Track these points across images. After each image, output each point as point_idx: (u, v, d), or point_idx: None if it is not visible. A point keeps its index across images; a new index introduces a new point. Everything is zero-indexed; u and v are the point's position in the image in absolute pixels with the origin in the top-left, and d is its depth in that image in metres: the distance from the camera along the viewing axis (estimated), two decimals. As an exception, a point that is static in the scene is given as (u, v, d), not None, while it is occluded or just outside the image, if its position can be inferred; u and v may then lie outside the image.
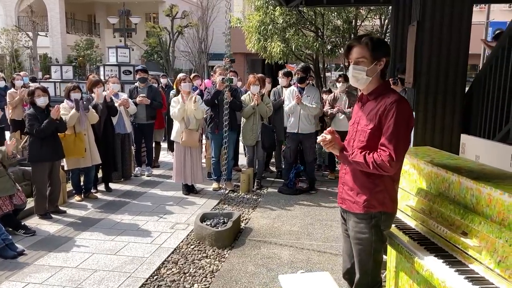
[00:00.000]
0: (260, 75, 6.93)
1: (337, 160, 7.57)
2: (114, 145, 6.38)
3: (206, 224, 4.64)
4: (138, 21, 23.32)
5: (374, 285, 2.54)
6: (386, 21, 8.98)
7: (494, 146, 2.92)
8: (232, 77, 6.64)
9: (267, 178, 7.13)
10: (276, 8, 7.92)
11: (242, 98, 6.48)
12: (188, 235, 4.70)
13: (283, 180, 6.67)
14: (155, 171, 7.56)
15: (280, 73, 7.07)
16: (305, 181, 6.34)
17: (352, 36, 8.71)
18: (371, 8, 8.82)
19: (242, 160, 7.86)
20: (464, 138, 3.21)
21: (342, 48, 8.70)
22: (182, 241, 4.52)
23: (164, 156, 8.57)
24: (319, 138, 2.50)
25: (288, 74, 6.98)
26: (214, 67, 6.61)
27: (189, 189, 6.27)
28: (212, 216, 4.89)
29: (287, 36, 8.29)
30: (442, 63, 3.86)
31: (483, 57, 11.20)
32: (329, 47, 8.51)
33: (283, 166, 6.76)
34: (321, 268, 3.90)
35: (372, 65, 2.38)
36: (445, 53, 3.84)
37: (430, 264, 2.18)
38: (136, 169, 7.32)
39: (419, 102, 3.95)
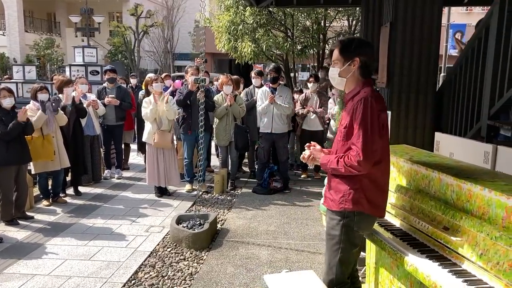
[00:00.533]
0: (235, 76, 6.91)
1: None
2: (83, 147, 6.19)
3: (183, 226, 4.58)
4: (101, 20, 22.75)
5: (339, 284, 2.53)
6: (354, 22, 9.16)
7: (467, 143, 3.03)
8: (205, 77, 6.58)
9: (241, 179, 7.12)
10: (247, 8, 7.92)
11: (215, 98, 6.44)
12: (164, 237, 4.62)
13: (256, 180, 6.67)
14: (125, 174, 7.39)
15: (253, 73, 7.08)
16: (279, 180, 6.37)
17: (321, 36, 8.83)
18: (339, 9, 8.97)
19: (214, 161, 7.81)
20: (438, 136, 3.30)
21: (312, 49, 8.81)
22: (158, 244, 4.44)
23: (134, 158, 8.40)
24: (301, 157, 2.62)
25: (261, 74, 6.99)
26: (186, 67, 6.53)
27: (162, 191, 6.17)
28: (188, 218, 4.83)
29: (256, 36, 8.31)
30: (414, 63, 3.98)
31: (444, 59, 11.60)
32: (299, 47, 8.60)
33: (257, 166, 6.77)
34: (300, 267, 3.93)
35: (345, 66, 2.41)
36: (417, 53, 3.96)
37: (414, 260, 2.23)
38: (106, 171, 7.14)
39: (392, 101, 4.04)
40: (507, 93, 2.78)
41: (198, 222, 4.69)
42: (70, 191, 6.15)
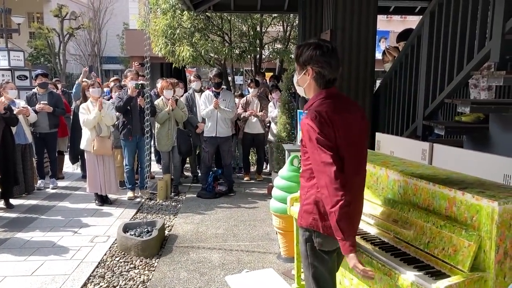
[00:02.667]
0: (172, 79, 6.85)
1: (251, 162, 7.79)
2: (14, 157, 5.82)
3: (130, 234, 4.49)
4: (21, 21, 21.35)
5: None
6: (289, 28, 9.47)
7: (406, 142, 3.30)
8: (144, 82, 6.47)
9: (183, 184, 7.07)
10: (184, 13, 7.89)
11: (156, 103, 6.35)
12: (110, 247, 4.49)
13: (200, 185, 6.68)
14: (61, 183, 7.04)
15: (192, 76, 7.07)
16: (224, 184, 6.42)
17: (258, 42, 9.03)
18: (275, 15, 9.22)
19: (153, 167, 7.69)
20: (379, 136, 3.56)
21: (250, 54, 8.97)
22: (105, 254, 4.31)
23: (68, 166, 8.02)
24: None
25: (200, 77, 7.01)
26: (125, 71, 6.38)
27: (103, 200, 5.97)
28: (135, 225, 4.73)
29: (193, 40, 8.31)
30: (353, 68, 4.23)
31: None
32: (237, 52, 8.71)
33: (200, 171, 6.76)
34: (253, 267, 4.01)
35: (301, 75, 2.24)
36: (355, 59, 4.22)
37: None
38: (39, 182, 6.75)
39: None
40: (440, 96, 3.08)
41: (145, 229, 4.61)
42: (1, 203, 5.76)
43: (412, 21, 12.75)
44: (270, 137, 7.16)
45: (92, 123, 5.58)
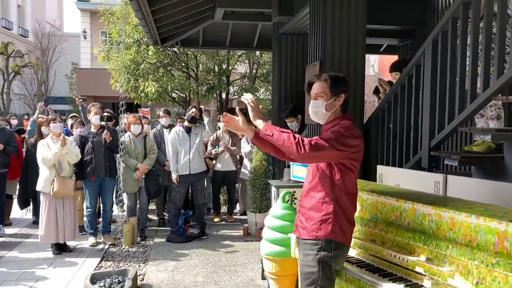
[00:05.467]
0: (138, 114, 6.45)
1: (222, 202, 7.38)
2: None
3: (99, 286, 3.93)
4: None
5: None
6: (255, 65, 9.41)
7: (413, 174, 3.11)
8: (109, 114, 6.01)
9: (149, 228, 6.50)
10: (150, 47, 7.60)
11: (122, 139, 5.86)
12: (75, 303, 3.89)
13: (168, 228, 6.17)
14: (8, 230, 6.26)
15: (161, 111, 6.70)
16: (196, 226, 5.95)
17: (225, 78, 8.86)
18: (241, 53, 9.15)
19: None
20: (381, 168, 3.36)
21: (217, 90, 8.75)
22: (70, 312, 3.72)
23: (16, 211, 7.20)
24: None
25: (169, 113, 6.66)
26: (89, 106, 5.90)
27: (61, 248, 5.32)
28: (103, 276, 4.18)
29: (158, 76, 8.00)
30: (343, 100, 4.06)
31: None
32: (204, 89, 8.47)
33: (169, 213, 6.26)
34: (244, 319, 3.59)
35: (330, 100, 2.40)
36: (345, 90, 4.06)
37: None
38: (-16, 229, 5.96)
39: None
40: (449, 125, 2.94)
41: (116, 280, 4.08)
42: None
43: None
44: (243, 174, 6.83)
45: (52, 161, 5.02)
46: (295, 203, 4.10)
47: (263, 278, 4.45)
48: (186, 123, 5.89)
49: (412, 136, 3.44)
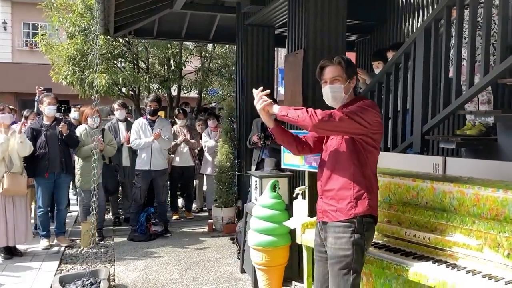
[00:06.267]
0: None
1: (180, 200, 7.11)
2: None
3: (72, 289, 3.57)
4: None
5: None
6: (208, 59, 9.18)
7: (411, 158, 3.18)
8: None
9: (105, 228, 6.08)
10: (100, 37, 7.10)
11: (77, 134, 5.42)
12: (44, 309, 3.51)
13: (126, 227, 5.83)
14: None
15: (116, 104, 6.30)
16: (158, 223, 5.65)
17: (178, 71, 8.55)
18: (192, 46, 8.90)
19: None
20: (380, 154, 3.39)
21: (171, 83, 8.41)
22: (41, 319, 3.34)
23: None
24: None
25: (125, 106, 6.29)
26: (41, 96, 5.36)
27: (11, 252, 4.79)
28: (73, 278, 3.80)
29: (105, 67, 7.51)
30: (326, 88, 4.07)
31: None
32: (157, 82, 8.10)
33: (130, 210, 5.89)
34: (236, 313, 3.45)
35: (346, 83, 2.39)
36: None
37: (436, 273, 2.12)
38: None
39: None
40: (444, 110, 3.05)
41: (88, 282, 3.73)
42: None
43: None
44: (203, 170, 6.64)
45: (0, 154, 4.51)
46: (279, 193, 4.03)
47: (243, 271, 4.34)
48: (149, 116, 5.59)
49: (402, 122, 3.52)
